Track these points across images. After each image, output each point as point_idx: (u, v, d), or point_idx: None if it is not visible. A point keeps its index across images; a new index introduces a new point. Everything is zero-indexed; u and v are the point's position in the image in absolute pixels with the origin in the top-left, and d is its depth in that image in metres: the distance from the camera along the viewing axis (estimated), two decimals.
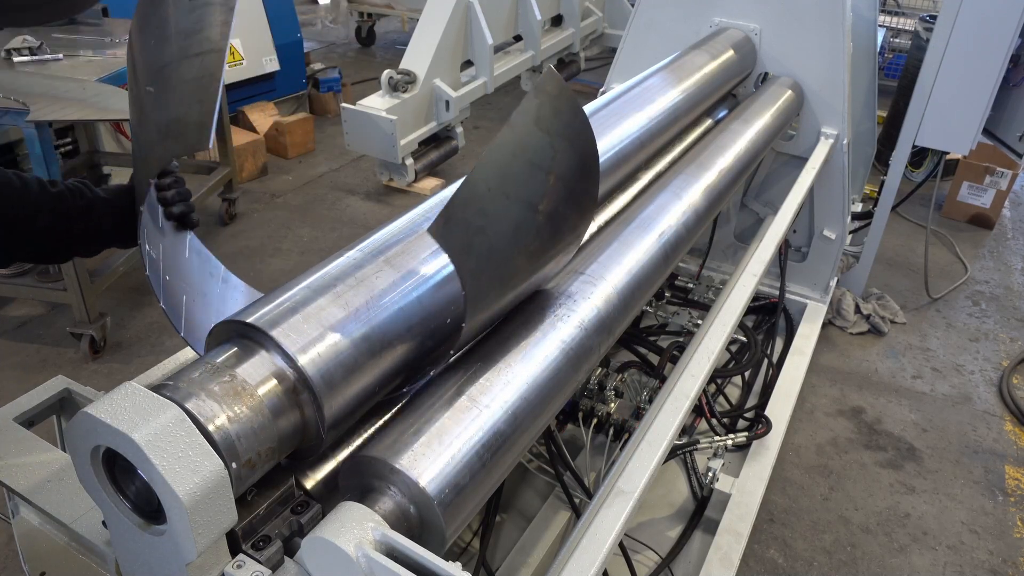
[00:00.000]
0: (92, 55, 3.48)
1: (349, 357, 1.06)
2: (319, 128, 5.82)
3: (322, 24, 8.85)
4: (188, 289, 1.32)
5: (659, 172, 2.14)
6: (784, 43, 2.90)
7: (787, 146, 3.16)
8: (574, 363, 1.32)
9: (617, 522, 1.22)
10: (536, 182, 1.12)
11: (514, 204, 1.11)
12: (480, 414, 1.12)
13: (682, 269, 3.49)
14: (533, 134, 1.09)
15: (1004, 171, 4.71)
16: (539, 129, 1.09)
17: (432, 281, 1.23)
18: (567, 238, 1.28)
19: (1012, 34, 3.02)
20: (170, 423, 0.86)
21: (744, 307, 1.87)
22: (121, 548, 1.01)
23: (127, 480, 0.93)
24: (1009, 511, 2.82)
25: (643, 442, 1.40)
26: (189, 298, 1.30)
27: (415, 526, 1.03)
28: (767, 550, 2.58)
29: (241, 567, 0.95)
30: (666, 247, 1.72)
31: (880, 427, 3.18)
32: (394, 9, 7.43)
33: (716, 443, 2.41)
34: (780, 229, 2.23)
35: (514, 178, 1.10)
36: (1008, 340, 3.81)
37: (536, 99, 1.07)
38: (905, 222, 4.79)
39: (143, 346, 3.44)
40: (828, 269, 3.42)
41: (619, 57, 3.25)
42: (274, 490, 1.05)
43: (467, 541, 2.11)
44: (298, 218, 4.68)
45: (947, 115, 3.27)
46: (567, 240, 1.29)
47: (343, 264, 1.20)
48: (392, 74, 4.39)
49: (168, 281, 1.31)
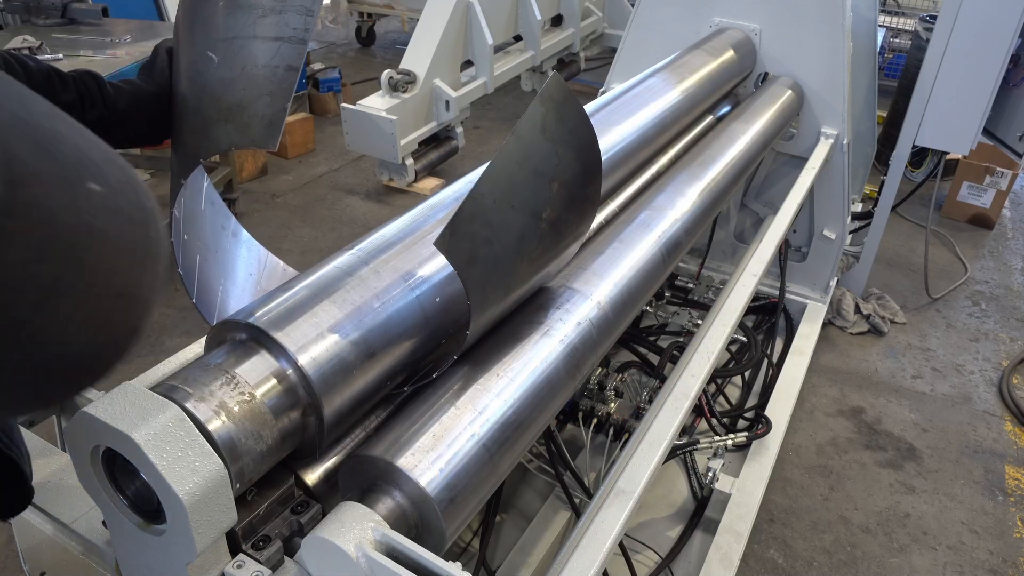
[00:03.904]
0: (92, 55, 3.48)
1: (349, 357, 1.07)
2: (319, 128, 5.82)
3: (322, 24, 8.84)
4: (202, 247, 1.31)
5: (659, 172, 2.14)
6: (784, 43, 2.90)
7: (787, 146, 3.16)
8: (574, 363, 1.32)
9: (617, 522, 1.22)
10: (540, 191, 1.12)
11: (519, 214, 1.11)
12: (480, 414, 1.12)
13: (682, 269, 3.49)
14: (538, 143, 1.09)
15: (1004, 171, 4.71)
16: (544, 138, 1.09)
17: (432, 281, 1.23)
18: (569, 241, 1.28)
19: (1012, 34, 3.02)
20: (170, 423, 0.86)
21: (744, 307, 1.87)
22: (121, 548, 1.01)
23: (127, 480, 0.93)
24: (1009, 511, 2.82)
25: (643, 442, 1.40)
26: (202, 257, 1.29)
27: (415, 526, 1.03)
28: (767, 550, 2.58)
29: (241, 567, 0.95)
30: (666, 247, 1.72)
31: (880, 427, 3.18)
32: (394, 9, 7.43)
33: (716, 443, 2.41)
34: (780, 229, 2.23)
35: (519, 188, 1.09)
36: (1008, 340, 3.81)
37: (542, 107, 1.07)
38: (905, 222, 4.79)
39: (143, 346, 3.44)
40: (828, 269, 3.42)
41: (619, 57, 3.25)
42: (274, 490, 1.05)
43: (467, 541, 2.11)
44: (298, 218, 4.68)
45: (947, 115, 3.27)
46: (568, 243, 1.29)
47: (343, 264, 1.20)
48: (392, 74, 4.39)
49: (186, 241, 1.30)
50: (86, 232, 0.46)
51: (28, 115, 0.47)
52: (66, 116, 0.50)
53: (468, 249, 1.05)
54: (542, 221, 1.14)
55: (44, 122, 0.48)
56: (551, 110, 1.08)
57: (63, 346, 0.46)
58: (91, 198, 0.47)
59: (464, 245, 1.04)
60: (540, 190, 1.12)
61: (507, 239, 1.11)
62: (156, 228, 0.53)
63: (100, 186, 0.48)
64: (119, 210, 0.49)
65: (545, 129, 1.08)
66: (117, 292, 0.48)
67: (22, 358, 0.45)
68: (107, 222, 0.48)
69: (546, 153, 1.10)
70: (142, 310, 0.51)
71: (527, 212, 1.12)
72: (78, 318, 0.46)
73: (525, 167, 1.09)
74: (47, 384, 0.49)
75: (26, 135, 0.45)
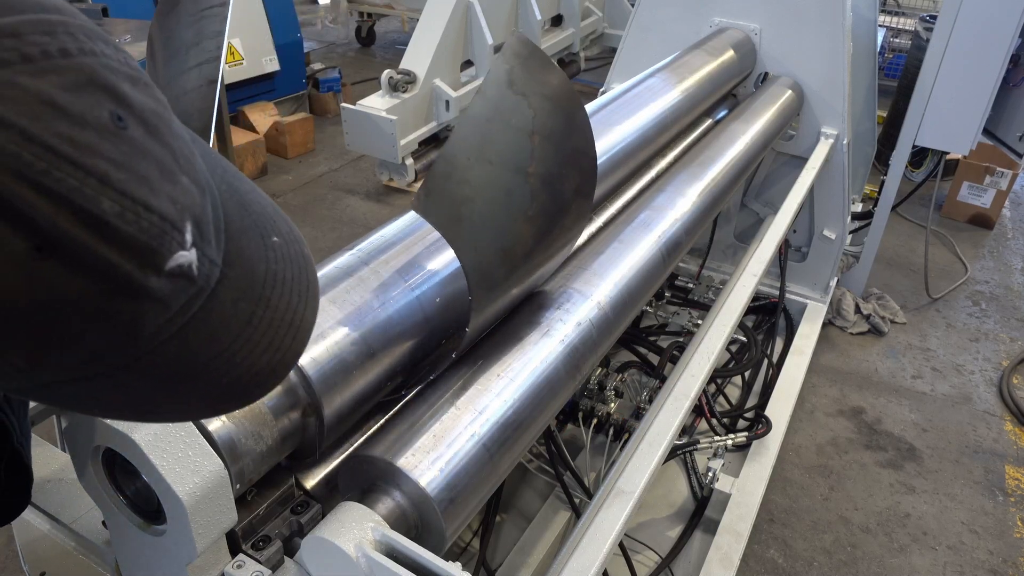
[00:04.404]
0: None
1: (349, 357, 1.06)
2: (319, 128, 5.82)
3: (322, 24, 8.85)
4: None
5: (659, 172, 2.14)
6: (784, 43, 2.90)
7: (787, 146, 3.16)
8: (574, 363, 1.32)
9: (617, 522, 1.22)
10: (519, 145, 1.09)
11: (500, 170, 1.09)
12: (480, 414, 1.12)
13: (682, 269, 3.49)
14: (507, 97, 1.06)
15: (1004, 171, 4.71)
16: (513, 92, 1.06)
17: (432, 282, 1.22)
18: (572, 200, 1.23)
19: (1012, 34, 3.02)
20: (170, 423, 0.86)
21: (744, 307, 1.87)
22: (121, 548, 1.01)
23: (127, 480, 0.93)
24: (1009, 511, 2.82)
25: (643, 442, 1.40)
26: None
27: (415, 526, 1.03)
28: (767, 550, 2.58)
29: (241, 567, 0.95)
30: (666, 247, 1.72)
31: (880, 427, 3.18)
32: (394, 9, 7.43)
33: (716, 443, 2.41)
34: (780, 229, 2.23)
35: (493, 143, 1.07)
36: (1008, 340, 3.81)
37: (505, 63, 1.05)
38: (905, 222, 4.79)
39: None
40: (828, 269, 3.42)
41: (619, 57, 3.25)
42: (274, 490, 1.05)
43: (467, 541, 2.11)
44: (298, 218, 4.68)
45: (947, 115, 3.27)
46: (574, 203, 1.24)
47: (343, 264, 1.20)
48: (392, 74, 4.39)
49: None
50: (271, 277, 0.58)
51: (231, 179, 0.58)
52: (245, 178, 0.62)
53: (447, 208, 1.03)
54: (530, 176, 1.12)
55: (240, 185, 0.59)
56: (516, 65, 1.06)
57: (250, 366, 0.57)
58: (275, 248, 0.59)
59: (442, 205, 1.03)
60: (518, 144, 1.10)
61: (491, 196, 1.09)
62: (312, 269, 0.65)
63: (279, 238, 0.60)
64: (290, 258, 0.61)
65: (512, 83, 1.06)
66: (289, 323, 0.59)
67: (220, 376, 0.55)
68: (284, 268, 0.59)
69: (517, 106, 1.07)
70: (304, 337, 0.62)
71: (509, 168, 1.10)
72: (263, 345, 0.57)
73: (496, 122, 1.07)
74: (233, 396, 0.60)
75: (233, 196, 0.56)
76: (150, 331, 0.48)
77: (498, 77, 1.05)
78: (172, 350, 0.51)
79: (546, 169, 1.14)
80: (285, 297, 0.59)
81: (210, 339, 0.53)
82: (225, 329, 0.54)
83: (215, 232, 0.52)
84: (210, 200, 0.52)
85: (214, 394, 0.58)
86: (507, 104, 1.06)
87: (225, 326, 0.54)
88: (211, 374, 0.55)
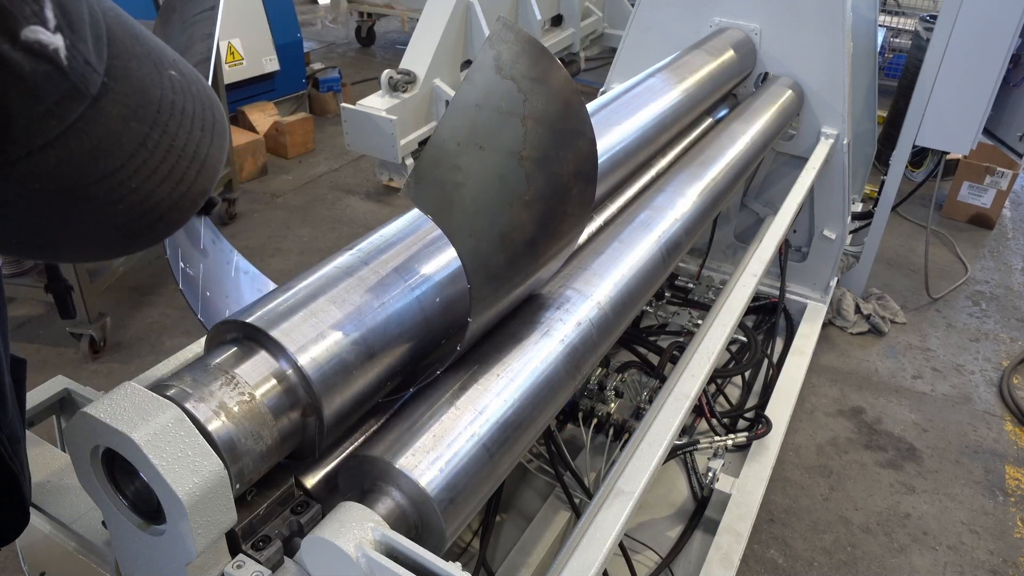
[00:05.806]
0: None
1: (348, 357, 1.06)
2: (319, 128, 5.82)
3: (322, 24, 8.85)
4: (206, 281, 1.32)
5: (659, 172, 2.14)
6: (784, 43, 2.90)
7: (787, 146, 3.16)
8: (574, 363, 1.32)
9: (617, 522, 1.22)
10: (511, 129, 1.08)
11: (491, 154, 1.07)
12: (480, 414, 1.12)
13: (682, 269, 3.49)
14: (495, 82, 1.05)
15: (1004, 171, 4.71)
16: (502, 76, 1.05)
17: (432, 282, 1.22)
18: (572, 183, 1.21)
19: (1012, 34, 3.02)
20: (169, 423, 0.86)
21: (744, 307, 1.87)
22: (121, 548, 1.01)
23: (127, 480, 0.93)
24: (1009, 511, 2.82)
25: (643, 442, 1.40)
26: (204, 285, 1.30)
27: (415, 526, 1.03)
28: (767, 550, 2.58)
29: (241, 567, 0.95)
30: (666, 247, 1.72)
31: (880, 427, 3.18)
32: (394, 9, 7.43)
33: (716, 443, 2.41)
34: (780, 229, 2.23)
35: (484, 128, 1.06)
36: (1008, 340, 3.81)
37: (492, 48, 1.03)
38: (905, 222, 4.79)
39: (143, 346, 3.44)
40: (828, 269, 3.42)
41: (619, 57, 3.25)
42: (274, 490, 1.04)
43: (467, 541, 2.11)
44: (298, 218, 4.68)
45: (947, 115, 3.27)
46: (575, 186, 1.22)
47: (343, 264, 1.19)
48: (392, 74, 4.39)
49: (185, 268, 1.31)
50: (168, 104, 0.57)
51: (122, 14, 0.58)
52: (144, 28, 0.62)
53: (438, 195, 1.02)
54: (523, 160, 1.10)
55: (133, 23, 0.59)
56: (504, 50, 1.05)
57: (148, 195, 0.55)
58: (172, 80, 0.58)
59: (433, 192, 1.02)
60: (510, 128, 1.08)
61: (483, 180, 1.08)
62: (220, 111, 0.64)
63: (177, 73, 0.60)
64: (192, 94, 0.60)
65: (500, 68, 1.04)
66: (192, 156, 0.58)
67: (115, 200, 0.54)
68: (184, 100, 0.58)
69: (507, 90, 1.06)
70: (211, 174, 0.61)
71: (501, 152, 1.08)
72: (161, 173, 0.56)
73: (486, 107, 1.05)
74: (131, 228, 0.58)
75: (123, 26, 0.56)
76: (21, 124, 0.46)
77: (485, 63, 1.03)
78: (52, 158, 0.49)
79: (541, 152, 1.12)
80: (186, 128, 0.58)
81: (97, 153, 0.52)
82: (116, 146, 0.53)
83: (93, 36, 0.50)
84: (85, 4, 0.51)
85: (113, 223, 0.56)
86: (497, 89, 1.05)
87: (115, 143, 0.53)
88: (105, 197, 0.53)
